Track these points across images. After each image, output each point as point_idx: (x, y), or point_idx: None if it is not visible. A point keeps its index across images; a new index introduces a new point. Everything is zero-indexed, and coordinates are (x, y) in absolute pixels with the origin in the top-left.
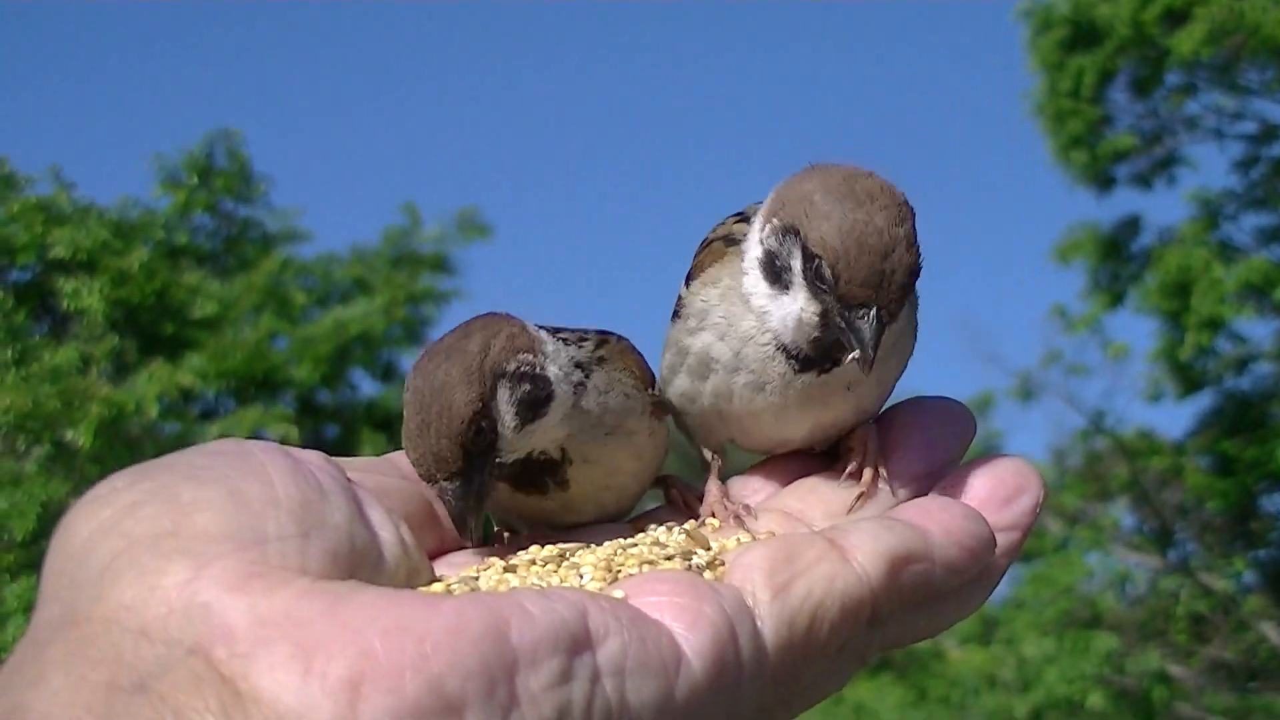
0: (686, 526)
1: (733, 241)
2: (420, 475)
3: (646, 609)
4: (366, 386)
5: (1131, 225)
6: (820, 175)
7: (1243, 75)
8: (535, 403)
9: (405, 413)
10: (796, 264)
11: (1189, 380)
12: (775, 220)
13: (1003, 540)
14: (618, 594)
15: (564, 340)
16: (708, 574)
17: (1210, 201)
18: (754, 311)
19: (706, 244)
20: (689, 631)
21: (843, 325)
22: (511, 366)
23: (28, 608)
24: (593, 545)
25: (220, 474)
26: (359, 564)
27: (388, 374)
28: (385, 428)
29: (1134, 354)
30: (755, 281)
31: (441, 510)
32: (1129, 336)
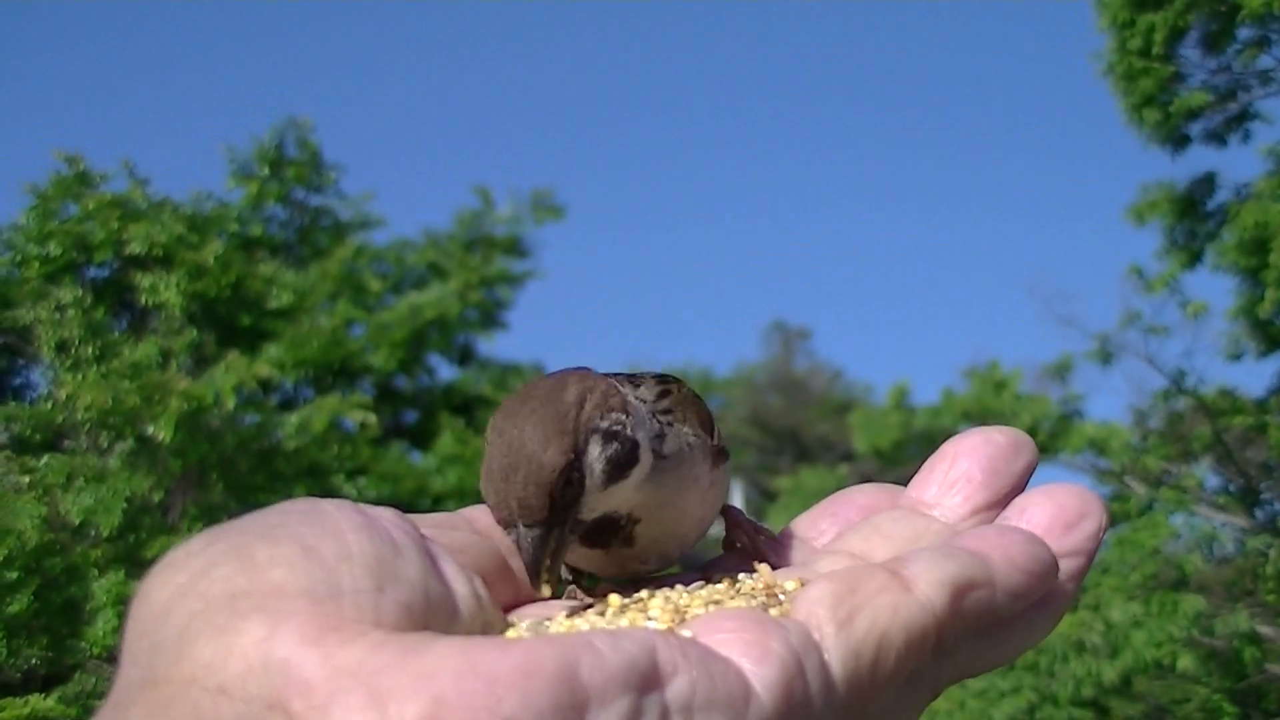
0: (755, 573)
1: None
2: (499, 520)
3: (714, 645)
4: (444, 371)
5: (1207, 182)
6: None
7: None
8: (621, 464)
9: (489, 453)
10: None
11: (1270, 337)
12: None
13: (1066, 565)
14: (685, 633)
15: (642, 399)
16: (773, 611)
17: None
18: None
19: None
20: (757, 666)
21: None
22: (605, 424)
23: (116, 602)
24: (660, 591)
25: (293, 531)
26: (434, 616)
27: (464, 358)
28: (464, 411)
29: (1213, 312)
30: None
31: (517, 563)
32: (1207, 295)
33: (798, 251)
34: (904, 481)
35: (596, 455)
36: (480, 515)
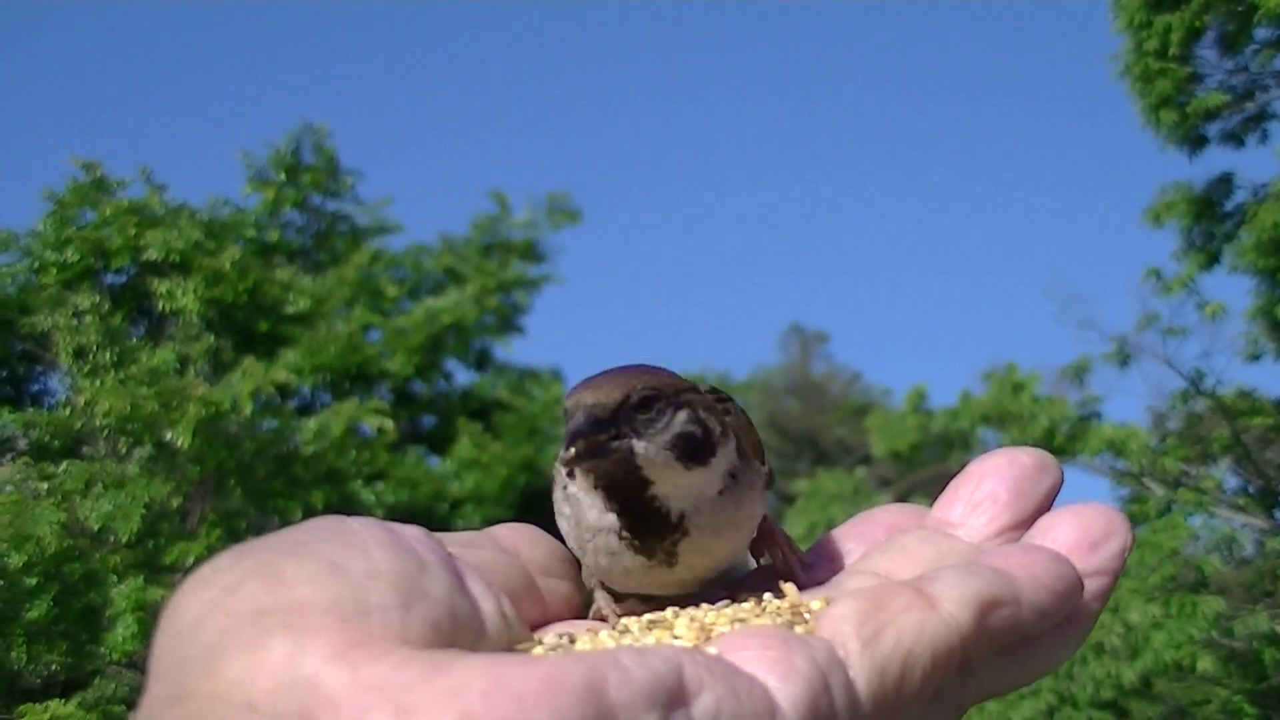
0: (781, 592)
1: None
2: (567, 408)
3: (740, 663)
4: (461, 375)
5: (1224, 183)
6: None
7: None
8: (691, 444)
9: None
10: None
11: None
12: None
13: (1091, 585)
14: (711, 651)
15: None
16: (798, 629)
17: None
18: None
19: None
20: (782, 684)
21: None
22: (702, 414)
23: (135, 608)
24: (686, 610)
25: (320, 548)
26: (460, 634)
27: (481, 363)
28: (481, 416)
29: (1231, 313)
30: None
31: (543, 581)
32: (1225, 296)
33: (815, 255)
34: (922, 483)
35: (680, 420)
36: (506, 534)
